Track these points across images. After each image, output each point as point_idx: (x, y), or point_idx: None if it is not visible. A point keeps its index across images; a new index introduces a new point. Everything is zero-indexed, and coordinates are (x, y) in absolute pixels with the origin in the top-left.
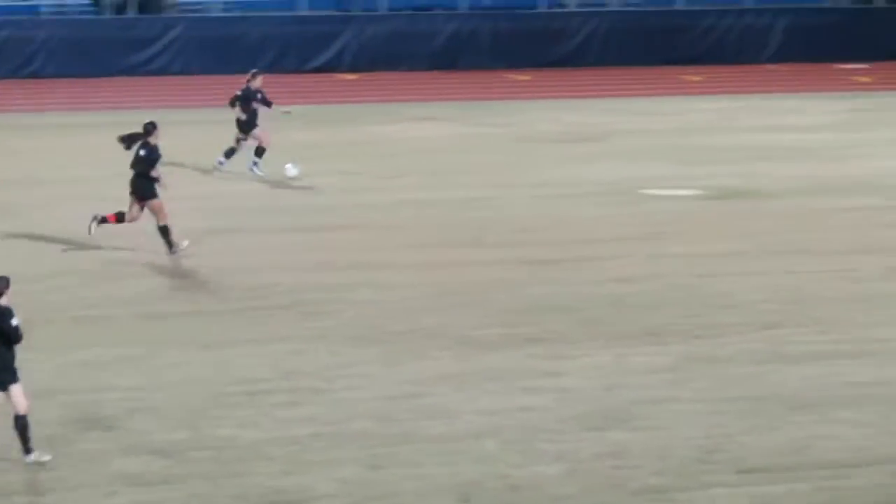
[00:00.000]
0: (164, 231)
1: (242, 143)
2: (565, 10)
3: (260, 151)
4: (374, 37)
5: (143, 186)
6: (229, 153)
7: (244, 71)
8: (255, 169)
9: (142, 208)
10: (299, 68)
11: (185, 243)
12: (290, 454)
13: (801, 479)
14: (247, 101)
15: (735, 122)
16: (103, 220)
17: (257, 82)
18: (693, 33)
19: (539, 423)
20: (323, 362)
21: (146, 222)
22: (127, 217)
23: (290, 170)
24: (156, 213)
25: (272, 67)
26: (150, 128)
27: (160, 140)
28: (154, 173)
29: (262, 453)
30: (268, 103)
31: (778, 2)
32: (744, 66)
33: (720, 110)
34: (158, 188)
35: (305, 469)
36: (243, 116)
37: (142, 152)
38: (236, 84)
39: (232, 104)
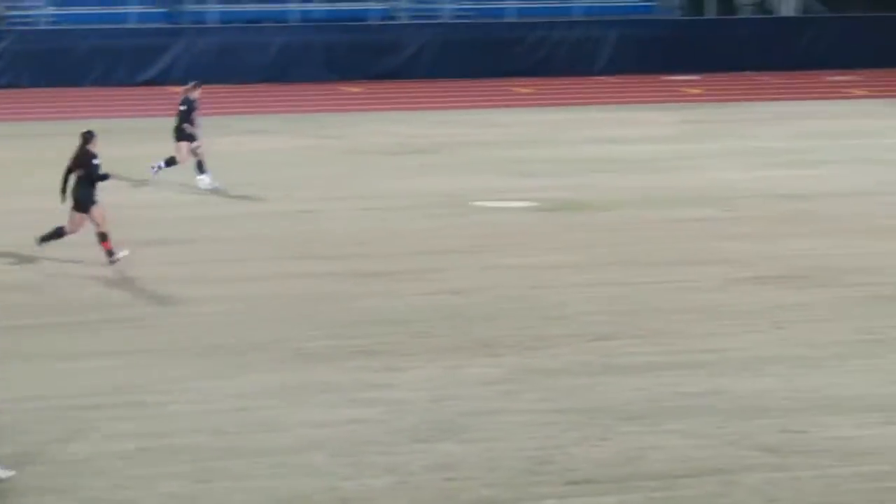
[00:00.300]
0: (104, 237)
1: (199, 151)
2: (396, 22)
3: (171, 161)
4: (205, 50)
5: (85, 195)
6: (198, 166)
7: (73, 84)
8: (156, 172)
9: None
10: (129, 81)
11: (124, 252)
12: (118, 468)
13: (632, 490)
14: (190, 112)
15: (566, 135)
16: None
17: (196, 93)
18: (523, 45)
19: (369, 436)
20: (153, 376)
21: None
22: (68, 229)
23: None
24: (97, 220)
25: (101, 80)
26: (89, 136)
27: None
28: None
29: (92, 468)
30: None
31: (608, 13)
32: (575, 77)
33: (551, 122)
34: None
35: (133, 483)
36: (190, 128)
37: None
38: (66, 97)
39: (182, 119)
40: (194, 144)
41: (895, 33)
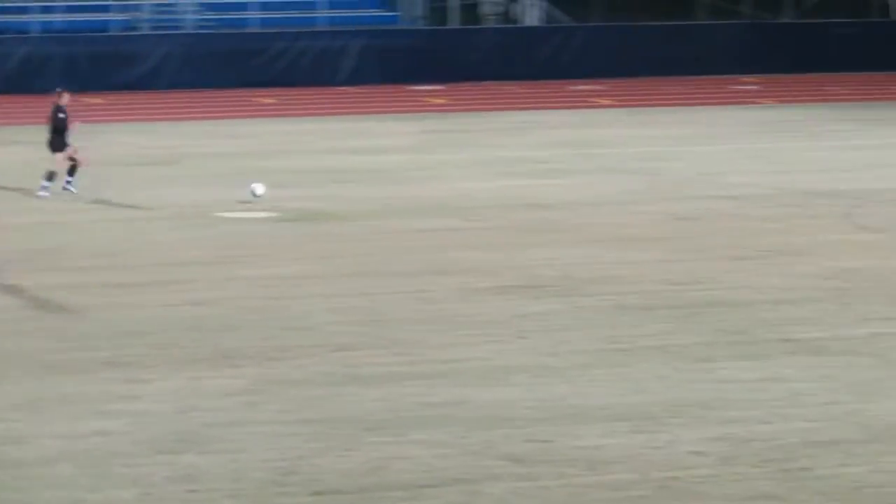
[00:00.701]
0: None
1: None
2: (137, 32)
3: (73, 170)
4: None
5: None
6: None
7: None
8: (69, 188)
9: None
10: None
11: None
12: None
13: (377, 500)
14: (65, 120)
15: (309, 145)
16: None
17: (65, 99)
18: (267, 56)
19: (114, 448)
20: None
21: None
22: None
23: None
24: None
25: None
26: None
27: None
28: None
29: None
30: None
31: (352, 24)
32: (318, 88)
33: (294, 133)
34: None
35: None
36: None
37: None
38: None
39: (57, 128)
40: (69, 150)
41: (637, 42)
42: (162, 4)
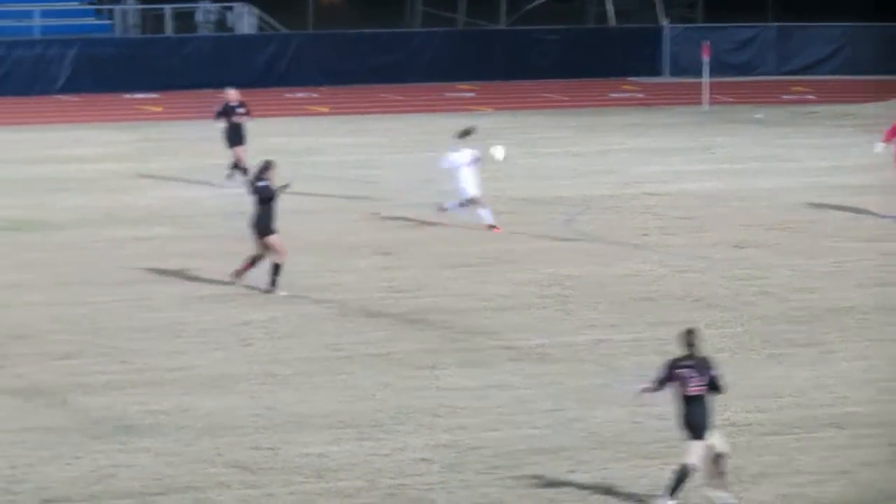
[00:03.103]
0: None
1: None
2: None
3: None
4: None
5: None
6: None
7: None
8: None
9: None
10: None
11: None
12: None
13: None
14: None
15: (24, 153)
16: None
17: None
18: None
19: None
20: None
21: None
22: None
23: (499, 152)
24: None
25: None
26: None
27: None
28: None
29: None
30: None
31: (67, 32)
32: (33, 97)
33: (8, 141)
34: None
35: None
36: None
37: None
38: None
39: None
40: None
41: (353, 50)
42: None
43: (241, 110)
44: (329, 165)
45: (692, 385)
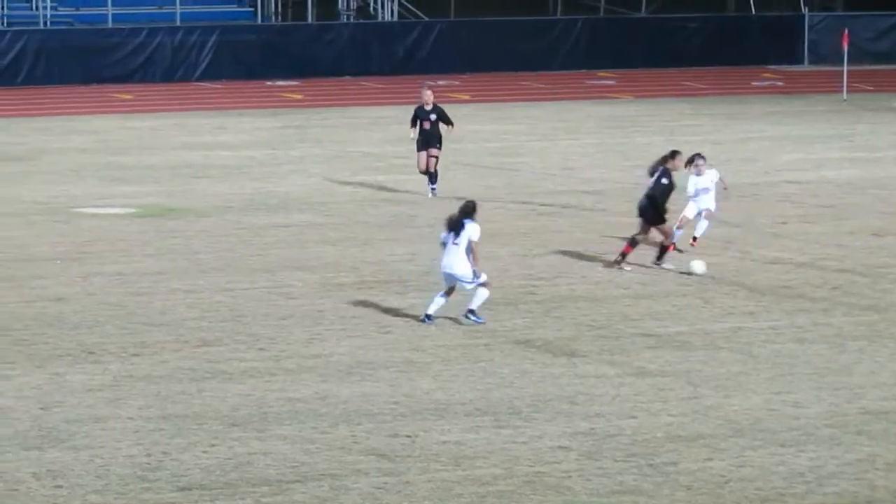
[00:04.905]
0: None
1: None
2: None
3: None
4: None
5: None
6: None
7: None
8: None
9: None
10: None
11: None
12: None
13: (241, 495)
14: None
15: (167, 141)
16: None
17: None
18: (124, 51)
19: None
20: None
21: None
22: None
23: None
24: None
25: None
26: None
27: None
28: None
29: None
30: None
31: (208, 19)
32: (176, 83)
33: (151, 128)
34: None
35: None
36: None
37: (664, 180)
38: None
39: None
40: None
41: (494, 38)
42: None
43: (433, 116)
44: (469, 152)
45: None
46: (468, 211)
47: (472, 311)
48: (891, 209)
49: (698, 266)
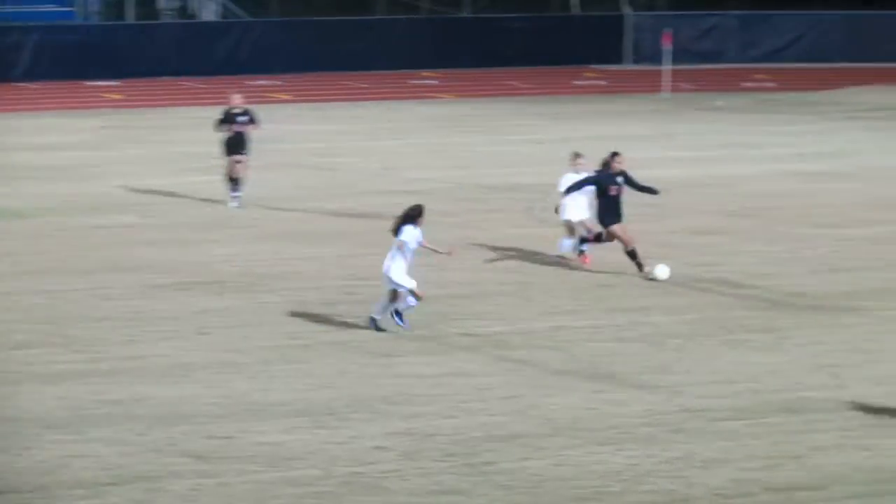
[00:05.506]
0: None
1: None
2: None
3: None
4: None
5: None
6: None
7: None
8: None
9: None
10: None
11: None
12: None
13: (57, 498)
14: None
15: None
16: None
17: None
18: None
19: None
20: None
21: None
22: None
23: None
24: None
25: None
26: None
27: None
28: None
29: None
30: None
31: (27, 19)
32: None
33: None
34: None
35: None
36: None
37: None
38: None
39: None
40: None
41: (316, 37)
42: None
43: (243, 118)
44: (291, 153)
45: None
46: (411, 215)
47: (397, 313)
48: (712, 208)
49: (661, 271)
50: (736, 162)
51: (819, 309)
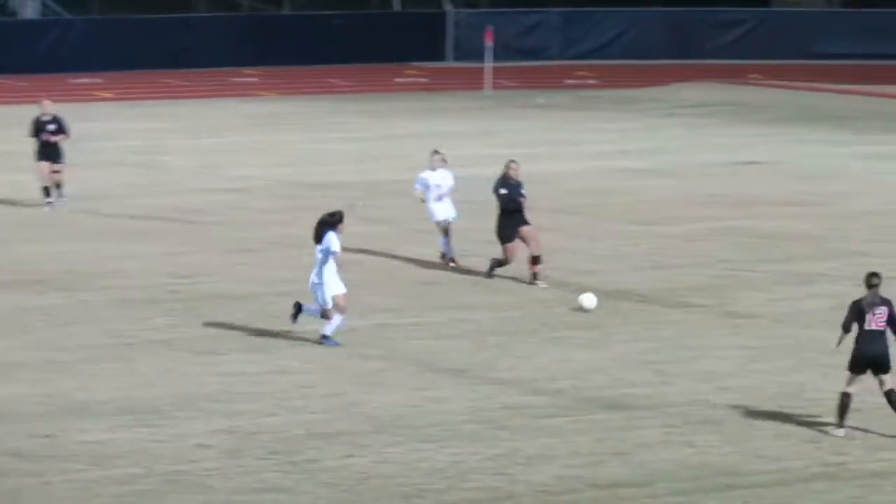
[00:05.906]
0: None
1: None
2: None
3: None
4: None
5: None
6: None
7: None
8: None
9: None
10: None
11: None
12: None
13: None
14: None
15: None
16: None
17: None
18: None
19: None
20: None
21: None
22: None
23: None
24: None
25: None
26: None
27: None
28: None
29: None
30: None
31: None
32: None
33: None
34: None
35: None
36: None
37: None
38: None
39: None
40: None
41: (137, 35)
42: None
43: (52, 127)
44: (112, 151)
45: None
46: (329, 222)
47: (325, 336)
48: (533, 205)
49: (588, 300)
50: (558, 159)
51: (643, 306)
